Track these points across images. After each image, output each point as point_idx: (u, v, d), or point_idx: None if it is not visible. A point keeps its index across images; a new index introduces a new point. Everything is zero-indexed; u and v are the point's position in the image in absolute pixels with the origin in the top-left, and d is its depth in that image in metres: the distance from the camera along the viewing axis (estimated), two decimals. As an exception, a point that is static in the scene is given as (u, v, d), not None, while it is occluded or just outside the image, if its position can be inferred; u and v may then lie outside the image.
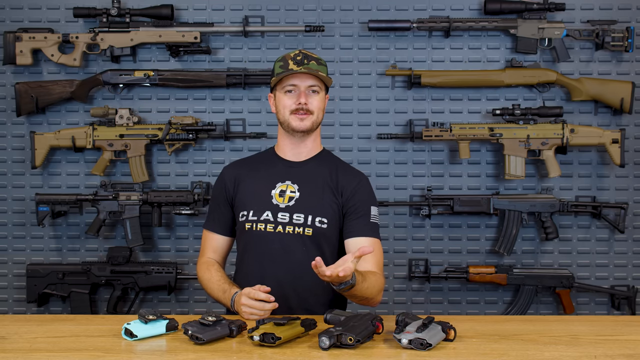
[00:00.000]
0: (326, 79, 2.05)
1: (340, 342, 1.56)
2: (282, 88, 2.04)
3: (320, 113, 2.06)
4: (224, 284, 2.02)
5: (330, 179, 2.08)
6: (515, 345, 1.62)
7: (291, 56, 2.04)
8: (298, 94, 2.03)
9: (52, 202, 3.01)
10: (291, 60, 2.03)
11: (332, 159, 2.17)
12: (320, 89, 2.06)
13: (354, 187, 2.08)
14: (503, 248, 3.03)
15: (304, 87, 2.03)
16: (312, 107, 2.03)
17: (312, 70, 2.00)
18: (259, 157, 2.21)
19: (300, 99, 2.02)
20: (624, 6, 3.05)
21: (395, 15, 3.06)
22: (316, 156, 2.13)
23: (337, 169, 2.12)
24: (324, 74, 2.05)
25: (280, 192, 2.05)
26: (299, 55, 2.03)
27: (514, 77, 3.00)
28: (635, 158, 3.10)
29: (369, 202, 2.09)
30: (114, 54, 3.01)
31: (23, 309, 3.13)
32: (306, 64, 2.01)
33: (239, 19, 3.05)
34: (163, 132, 3.01)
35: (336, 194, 2.06)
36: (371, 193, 2.13)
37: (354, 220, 2.06)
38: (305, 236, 2.02)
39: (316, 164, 2.11)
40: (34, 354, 1.56)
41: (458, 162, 3.10)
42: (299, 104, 2.01)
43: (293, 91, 2.03)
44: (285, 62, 2.04)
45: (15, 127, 3.13)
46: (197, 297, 3.14)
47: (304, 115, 2.02)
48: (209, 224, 2.17)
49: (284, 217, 2.03)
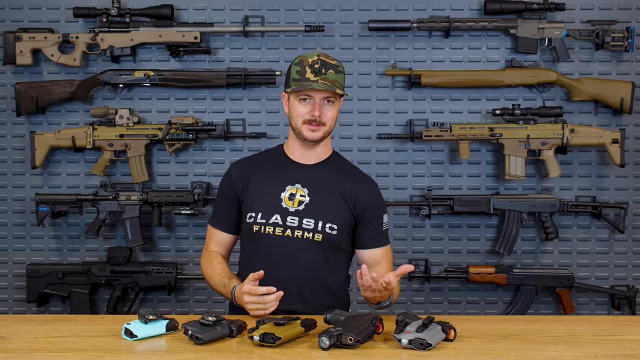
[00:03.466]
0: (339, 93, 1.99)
1: (340, 342, 1.56)
2: (298, 95, 2.00)
3: (333, 123, 2.03)
4: (224, 278, 2.01)
5: (341, 186, 2.06)
6: (515, 345, 1.62)
7: (309, 62, 1.98)
8: (313, 105, 1.98)
9: (52, 202, 3.01)
10: (309, 68, 1.97)
11: (342, 163, 2.15)
12: (336, 99, 2.02)
13: (368, 196, 2.07)
14: (503, 248, 3.03)
15: (319, 98, 1.98)
16: (326, 119, 2.00)
17: (329, 86, 1.95)
18: (268, 155, 2.17)
19: (314, 111, 1.98)
20: (624, 6, 3.05)
21: (395, 15, 3.06)
22: (326, 160, 2.11)
23: (348, 176, 2.10)
24: (341, 82, 2.01)
25: (290, 196, 2.03)
26: (317, 62, 1.97)
27: (514, 77, 3.00)
28: (635, 158, 3.10)
29: (381, 212, 2.10)
30: (114, 54, 3.01)
31: (23, 309, 3.13)
32: (324, 73, 1.96)
33: (239, 19, 3.05)
34: (163, 132, 3.01)
35: (348, 202, 2.05)
36: (382, 201, 2.14)
37: (367, 231, 2.07)
38: (315, 242, 2.01)
39: (326, 169, 2.09)
40: (34, 354, 1.56)
41: (458, 162, 3.10)
42: (313, 115, 1.98)
43: (308, 100, 1.99)
44: (302, 68, 1.98)
45: (15, 127, 3.13)
46: (197, 297, 3.14)
47: (316, 127, 1.99)
48: (214, 221, 2.15)
49: (293, 221, 2.01)
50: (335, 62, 2.01)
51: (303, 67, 1.99)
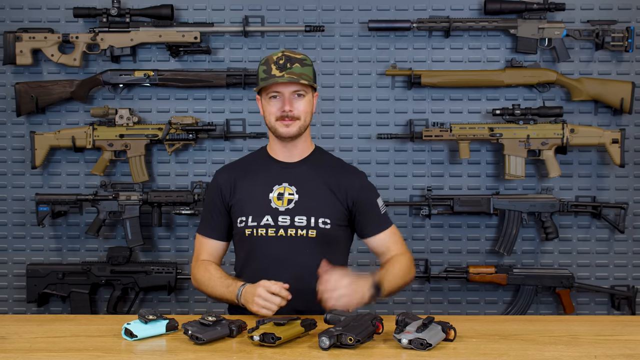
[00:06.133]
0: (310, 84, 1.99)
1: (340, 342, 1.56)
2: (267, 94, 2.00)
3: (307, 116, 2.02)
4: (226, 280, 1.99)
5: (328, 180, 2.06)
6: (515, 345, 1.62)
7: (274, 59, 1.97)
8: (282, 100, 1.98)
9: (52, 202, 3.01)
10: (274, 65, 1.97)
11: (326, 157, 2.15)
12: (307, 92, 2.00)
13: (357, 187, 2.07)
14: (503, 248, 3.03)
15: (288, 92, 1.97)
16: (298, 113, 1.99)
17: (294, 78, 1.94)
18: (251, 158, 2.17)
19: (285, 106, 1.97)
20: (624, 6, 3.05)
21: (395, 15, 3.06)
22: (309, 156, 2.11)
23: (333, 169, 2.11)
24: (309, 75, 1.99)
25: (278, 195, 2.03)
26: (282, 58, 1.97)
27: (514, 77, 3.00)
28: (635, 158, 3.10)
29: (374, 197, 2.10)
30: (114, 54, 3.01)
31: (23, 309, 3.14)
32: (289, 68, 1.95)
33: (239, 19, 3.05)
34: (163, 132, 3.01)
35: (338, 195, 2.05)
36: (372, 186, 2.14)
37: (366, 219, 2.07)
38: (309, 238, 2.00)
39: (311, 165, 2.09)
40: (34, 354, 1.56)
41: (458, 162, 3.10)
42: (283, 111, 1.97)
43: (278, 97, 1.99)
44: (268, 67, 1.98)
45: (15, 127, 3.13)
46: (197, 297, 3.14)
47: (289, 121, 1.98)
48: (204, 229, 2.13)
49: (285, 220, 2.00)
50: (302, 56, 2.00)
51: (269, 65, 1.98)
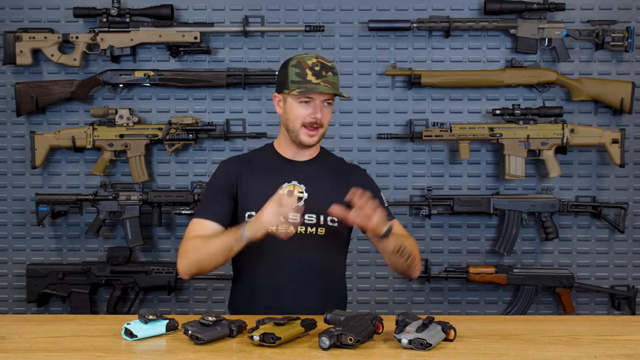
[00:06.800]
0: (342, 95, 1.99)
1: (340, 342, 1.56)
2: (298, 97, 1.98)
3: (327, 125, 2.03)
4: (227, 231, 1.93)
5: (334, 178, 2.08)
6: (515, 345, 1.62)
7: (309, 65, 1.95)
8: (314, 107, 1.97)
9: (52, 202, 3.01)
10: (309, 71, 1.95)
11: (331, 157, 2.18)
12: (333, 101, 2.02)
13: (360, 181, 2.08)
14: (503, 248, 3.03)
15: (320, 100, 1.97)
16: (324, 121, 2.00)
17: (332, 89, 1.95)
18: (258, 155, 2.15)
19: (316, 113, 1.96)
20: (624, 6, 3.05)
21: (395, 15, 3.06)
22: (318, 156, 2.12)
23: (339, 168, 2.13)
24: (338, 84, 2.01)
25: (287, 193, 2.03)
26: (317, 65, 1.96)
27: (514, 77, 3.00)
28: (635, 158, 3.10)
29: (377, 190, 2.12)
30: (114, 54, 3.01)
31: (23, 309, 3.14)
32: (324, 76, 1.95)
33: (239, 19, 3.05)
34: (163, 132, 3.01)
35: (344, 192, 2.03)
36: (374, 182, 2.16)
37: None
38: (319, 235, 2.01)
39: (319, 164, 2.10)
40: (34, 354, 1.56)
41: (458, 162, 3.10)
42: (314, 118, 1.97)
43: (310, 102, 1.97)
44: (302, 71, 1.96)
45: (15, 127, 3.13)
46: (197, 297, 3.15)
47: (314, 131, 1.99)
48: (204, 213, 2.01)
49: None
50: (331, 64, 2.01)
51: (302, 69, 1.96)
